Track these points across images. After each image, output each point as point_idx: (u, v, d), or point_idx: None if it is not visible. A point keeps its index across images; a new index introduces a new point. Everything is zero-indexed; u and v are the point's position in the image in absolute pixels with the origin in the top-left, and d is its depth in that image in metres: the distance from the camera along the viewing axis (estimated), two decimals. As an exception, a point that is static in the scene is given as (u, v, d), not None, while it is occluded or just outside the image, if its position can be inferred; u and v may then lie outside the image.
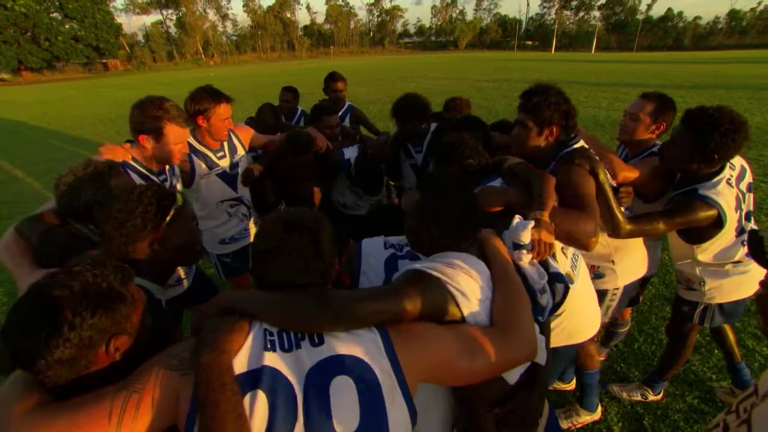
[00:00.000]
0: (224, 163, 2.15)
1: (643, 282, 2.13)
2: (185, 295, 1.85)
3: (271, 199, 2.35)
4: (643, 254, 1.74)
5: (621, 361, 2.40)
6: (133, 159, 1.65)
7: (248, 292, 0.87)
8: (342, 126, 2.99)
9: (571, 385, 2.21)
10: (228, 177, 2.19)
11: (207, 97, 1.95)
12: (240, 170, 2.23)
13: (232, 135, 2.20)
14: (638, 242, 1.70)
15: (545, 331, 1.09)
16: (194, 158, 2.05)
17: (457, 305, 0.88)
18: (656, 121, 1.87)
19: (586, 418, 2.00)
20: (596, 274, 1.66)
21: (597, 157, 1.46)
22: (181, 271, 1.82)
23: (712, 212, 1.52)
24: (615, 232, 1.50)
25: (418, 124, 2.28)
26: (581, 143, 1.52)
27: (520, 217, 1.18)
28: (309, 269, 0.86)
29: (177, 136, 1.66)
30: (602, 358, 2.41)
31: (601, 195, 1.45)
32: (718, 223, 1.54)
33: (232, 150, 2.20)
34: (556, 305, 1.16)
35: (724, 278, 1.71)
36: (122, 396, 0.70)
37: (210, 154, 2.10)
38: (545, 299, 1.07)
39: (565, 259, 1.41)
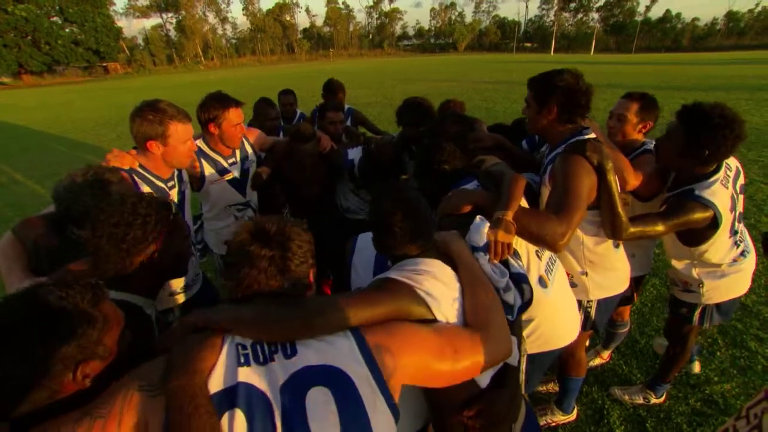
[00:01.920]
0: (235, 169, 2.16)
1: (638, 280, 2.12)
2: (195, 298, 1.85)
3: (278, 203, 2.36)
4: (621, 273, 1.68)
5: (623, 363, 2.39)
6: (141, 166, 1.62)
7: (219, 306, 0.84)
8: (346, 126, 3.00)
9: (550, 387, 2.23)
10: (238, 183, 2.19)
11: (215, 103, 1.93)
12: (250, 175, 2.24)
13: (244, 140, 2.19)
14: (615, 260, 1.64)
15: (516, 331, 1.11)
16: (204, 163, 2.04)
17: (428, 307, 0.92)
18: (643, 120, 1.88)
19: (560, 418, 2.01)
20: (570, 283, 1.63)
21: (608, 155, 1.41)
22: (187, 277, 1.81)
23: (708, 213, 1.51)
24: (616, 234, 1.45)
25: (423, 126, 2.27)
26: (593, 135, 1.47)
27: (482, 217, 1.19)
28: (276, 281, 0.84)
29: (182, 134, 1.62)
30: (605, 361, 2.41)
31: (606, 194, 1.42)
32: (714, 224, 1.54)
33: (244, 156, 2.20)
34: (525, 304, 1.16)
35: (721, 278, 1.71)
36: (85, 423, 0.65)
37: (221, 160, 2.10)
38: (511, 297, 1.09)
39: (539, 262, 1.40)
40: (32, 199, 5.81)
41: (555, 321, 1.44)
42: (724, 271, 1.70)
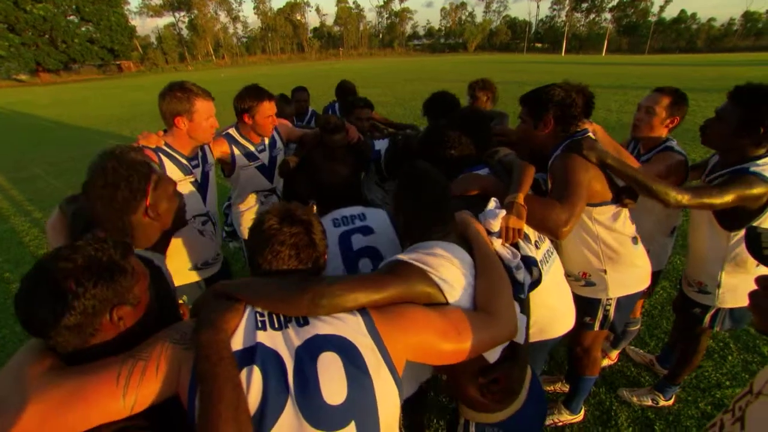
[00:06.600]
0: (264, 156, 2.29)
1: (655, 276, 2.09)
2: (218, 275, 2.05)
3: (304, 192, 2.40)
4: (642, 270, 1.66)
5: (631, 365, 2.38)
6: (167, 144, 1.79)
7: (240, 279, 0.93)
8: (373, 122, 3.02)
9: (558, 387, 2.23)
10: (266, 170, 2.34)
11: (251, 95, 2.08)
12: (277, 163, 2.36)
13: (274, 130, 2.31)
14: (635, 256, 1.63)
15: (525, 309, 1.15)
16: (235, 150, 2.18)
17: (441, 292, 0.95)
18: (671, 114, 1.88)
19: (568, 418, 2.00)
20: (588, 282, 1.63)
21: (605, 150, 1.45)
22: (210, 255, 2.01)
23: (765, 188, 1.45)
24: (667, 205, 1.45)
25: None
26: (590, 134, 1.52)
27: (495, 200, 1.23)
28: (300, 258, 0.94)
29: (205, 110, 1.79)
30: (613, 362, 2.39)
31: (626, 180, 1.44)
32: (765, 204, 1.49)
33: (272, 144, 2.33)
34: (534, 283, 1.22)
35: (742, 281, 1.65)
36: (129, 362, 0.75)
37: (251, 147, 2.24)
38: (521, 275, 1.14)
39: (537, 251, 1.43)
40: (50, 192, 5.93)
41: (550, 310, 1.45)
42: (749, 271, 1.62)
